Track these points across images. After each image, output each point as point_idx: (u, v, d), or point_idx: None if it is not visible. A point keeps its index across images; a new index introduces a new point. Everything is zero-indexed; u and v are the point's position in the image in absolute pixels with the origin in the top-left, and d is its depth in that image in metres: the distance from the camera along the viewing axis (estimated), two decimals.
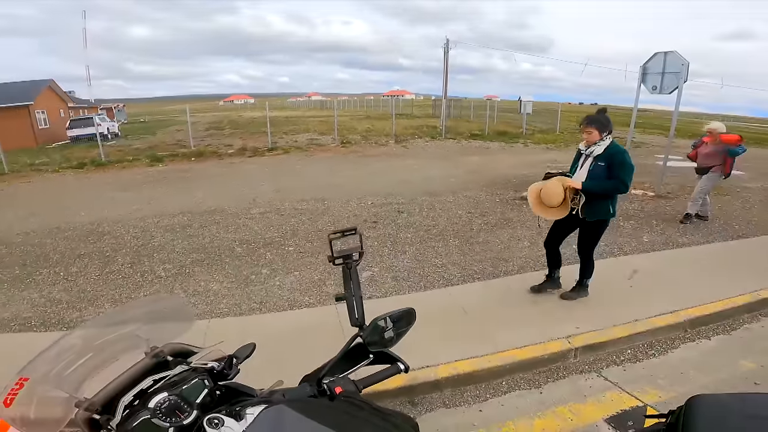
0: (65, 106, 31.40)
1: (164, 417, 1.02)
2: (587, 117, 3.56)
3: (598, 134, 3.46)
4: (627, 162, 3.43)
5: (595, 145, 3.48)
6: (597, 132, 3.46)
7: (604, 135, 3.47)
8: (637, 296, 4.03)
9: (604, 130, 3.47)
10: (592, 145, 3.50)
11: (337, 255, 1.41)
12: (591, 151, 3.51)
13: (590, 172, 3.52)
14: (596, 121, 3.48)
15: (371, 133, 21.41)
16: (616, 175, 3.42)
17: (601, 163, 3.47)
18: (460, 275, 4.63)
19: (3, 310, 4.11)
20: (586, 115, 3.62)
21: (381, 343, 1.28)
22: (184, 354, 1.27)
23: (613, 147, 3.47)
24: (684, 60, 7.68)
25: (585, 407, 2.77)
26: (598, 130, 3.46)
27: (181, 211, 7.44)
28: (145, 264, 5.15)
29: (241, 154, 15.17)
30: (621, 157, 3.42)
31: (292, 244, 5.73)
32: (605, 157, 3.45)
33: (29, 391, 1.02)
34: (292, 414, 0.94)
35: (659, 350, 3.39)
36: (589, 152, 3.52)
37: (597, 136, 3.46)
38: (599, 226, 3.69)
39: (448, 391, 2.93)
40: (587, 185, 3.46)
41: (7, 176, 12.24)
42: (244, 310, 3.99)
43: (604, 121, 3.49)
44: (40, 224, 6.96)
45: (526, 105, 24.68)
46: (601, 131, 3.46)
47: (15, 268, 5.15)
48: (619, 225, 6.37)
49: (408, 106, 50.27)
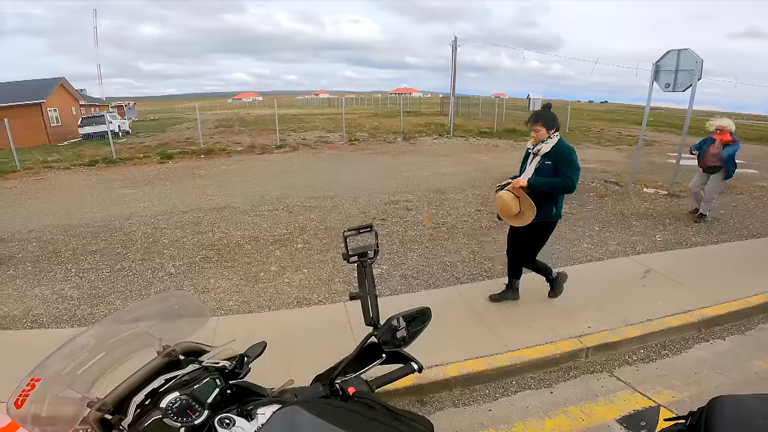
0: (77, 104, 31.74)
1: (175, 417, 1.02)
2: (534, 113, 3.42)
3: (545, 132, 3.32)
4: (574, 161, 3.28)
5: (543, 143, 3.34)
6: (544, 129, 3.32)
7: (551, 132, 3.33)
8: (650, 295, 3.97)
9: (552, 126, 3.33)
10: (540, 143, 3.36)
11: (352, 252, 1.39)
12: (538, 149, 3.36)
13: (537, 171, 3.37)
14: (543, 117, 3.34)
15: (379, 130, 21.37)
16: (563, 172, 3.26)
17: (547, 161, 3.32)
18: (470, 273, 4.61)
19: (15, 307, 4.16)
20: (533, 111, 3.50)
21: (395, 342, 1.26)
22: (196, 353, 1.27)
23: (560, 145, 3.31)
24: (698, 58, 7.57)
25: (596, 407, 2.74)
26: (546, 127, 3.31)
27: (190, 208, 7.48)
28: (155, 260, 5.19)
29: (249, 151, 15.23)
30: (568, 155, 3.28)
31: (301, 241, 5.74)
32: (552, 155, 3.30)
33: (41, 391, 1.02)
34: (305, 415, 0.93)
35: (673, 350, 3.34)
36: (537, 150, 3.38)
37: (545, 133, 3.32)
38: (544, 228, 3.52)
39: (457, 391, 2.91)
40: (533, 182, 3.33)
41: (20, 173, 12.40)
42: (253, 307, 4.00)
43: (551, 117, 3.35)
44: (52, 221, 7.04)
45: (535, 103, 24.49)
46: (548, 128, 3.32)
47: (27, 264, 5.21)
48: (631, 224, 6.29)
49: (415, 104, 50.14)
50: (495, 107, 24.96)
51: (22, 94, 25.50)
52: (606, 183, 8.93)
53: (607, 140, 19.63)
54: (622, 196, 7.93)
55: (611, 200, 7.66)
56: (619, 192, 8.24)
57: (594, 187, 8.51)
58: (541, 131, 3.33)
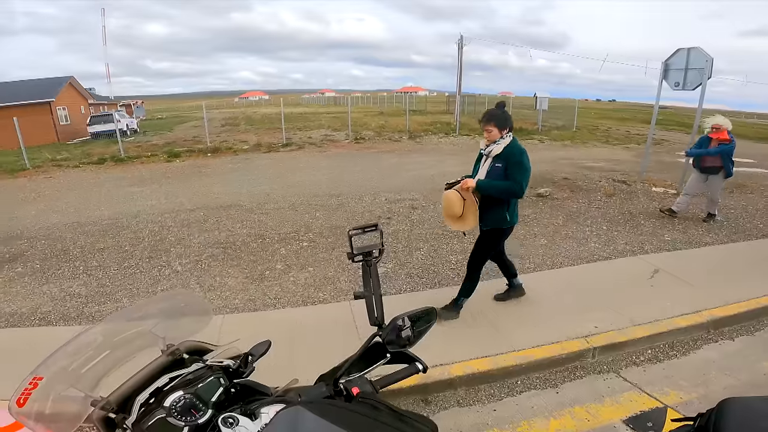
0: (86, 103, 32.04)
1: (179, 416, 1.02)
2: (486, 113, 3.25)
3: (497, 132, 3.15)
4: (524, 163, 3.12)
5: (494, 144, 3.18)
6: (497, 130, 3.15)
7: (503, 133, 3.16)
8: (658, 296, 3.93)
9: (504, 126, 3.16)
10: (491, 144, 3.20)
11: (357, 251, 1.38)
12: (489, 151, 3.20)
13: (488, 174, 3.22)
14: (495, 117, 3.17)
15: (385, 129, 21.36)
16: (512, 176, 3.09)
17: (498, 163, 3.16)
18: None
19: (24, 304, 4.20)
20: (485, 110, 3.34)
21: (399, 342, 1.25)
22: (200, 352, 1.27)
23: (511, 146, 3.15)
24: (708, 56, 7.48)
25: (603, 408, 2.72)
26: (498, 127, 3.15)
27: (197, 206, 7.52)
28: (162, 258, 5.22)
29: (255, 150, 15.29)
30: (518, 158, 3.11)
31: (306, 239, 5.75)
32: (503, 157, 3.14)
33: (43, 389, 1.02)
34: (308, 416, 0.93)
35: (681, 351, 3.30)
36: (488, 152, 3.22)
37: (497, 134, 3.16)
38: (495, 235, 3.37)
39: (462, 390, 2.90)
40: (481, 184, 3.17)
41: (30, 172, 12.54)
42: (258, 305, 4.02)
43: (504, 117, 3.19)
44: (61, 219, 7.11)
45: (541, 101, 24.27)
46: (500, 128, 3.15)
47: (36, 262, 5.27)
48: (639, 223, 6.23)
49: (421, 103, 50.01)
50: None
51: (31, 92, 25.80)
52: (614, 182, 8.86)
53: (616, 139, 19.47)
54: (630, 195, 7.85)
55: (619, 199, 7.60)
56: (628, 191, 8.17)
57: (602, 186, 8.44)
58: (493, 132, 3.17)
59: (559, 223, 6.29)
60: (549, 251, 5.16)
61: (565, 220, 6.40)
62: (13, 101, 24.22)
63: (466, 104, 30.73)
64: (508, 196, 3.20)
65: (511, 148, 3.15)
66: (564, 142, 17.65)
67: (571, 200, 7.50)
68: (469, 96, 35.93)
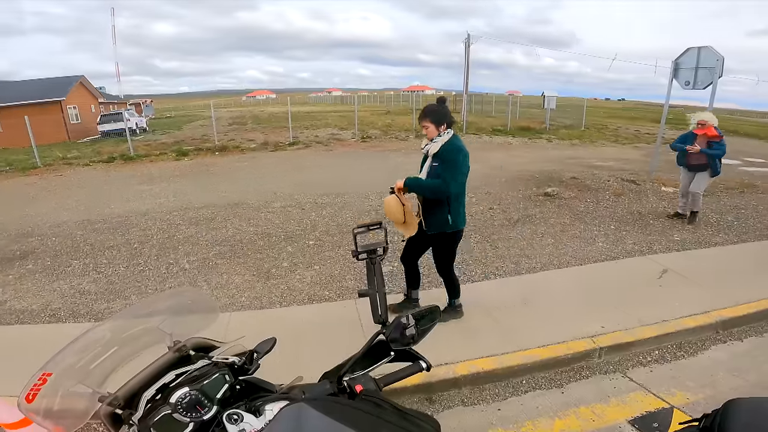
0: (96, 102, 32.37)
1: (185, 412, 1.03)
2: (424, 109, 3.07)
3: (434, 129, 3.00)
4: (458, 162, 2.94)
5: (432, 142, 3.03)
6: (433, 126, 2.99)
7: (441, 129, 3.01)
8: (666, 296, 3.90)
9: (441, 123, 2.99)
10: (430, 142, 3.05)
11: (362, 249, 1.39)
12: (428, 149, 3.06)
13: (428, 174, 3.06)
14: (431, 113, 3.00)
15: (391, 128, 21.33)
16: (442, 174, 2.93)
17: (435, 162, 3.00)
18: (481, 272, 4.58)
19: (34, 301, 4.27)
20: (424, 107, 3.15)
21: (403, 341, 1.26)
22: (206, 348, 1.28)
23: (449, 143, 2.98)
24: (719, 55, 7.40)
25: (608, 408, 2.70)
26: (434, 123, 2.99)
27: (205, 205, 7.58)
28: (170, 256, 5.27)
29: (263, 148, 15.35)
30: (452, 155, 2.94)
31: (313, 237, 5.77)
32: (439, 155, 2.97)
33: (52, 385, 1.04)
34: (312, 412, 0.94)
35: (689, 351, 3.28)
36: (426, 150, 3.07)
37: (434, 131, 3.00)
38: (444, 240, 3.20)
39: (466, 389, 2.90)
40: (408, 182, 3.01)
41: (41, 170, 12.70)
42: (265, 303, 4.04)
43: (442, 113, 3.01)
44: (72, 216, 7.20)
45: (549, 100, 24.09)
46: (437, 125, 2.99)
47: (47, 259, 5.34)
48: (648, 223, 6.18)
49: (428, 101, 49.91)
50: (509, 105, 24.66)
51: (42, 91, 26.12)
52: (623, 181, 8.78)
53: (625, 138, 19.28)
54: (639, 195, 7.78)
55: (628, 199, 7.53)
56: (637, 190, 8.09)
57: (611, 186, 8.38)
58: (429, 128, 3.01)
59: (566, 222, 6.25)
60: (556, 250, 5.13)
61: (572, 220, 6.36)
62: (24, 100, 24.55)
63: (473, 103, 30.61)
64: (434, 196, 3.01)
65: (447, 146, 2.98)
66: (572, 141, 17.52)
67: (578, 199, 7.45)
68: (476, 95, 35.78)
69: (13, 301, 4.27)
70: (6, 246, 5.87)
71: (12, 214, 7.54)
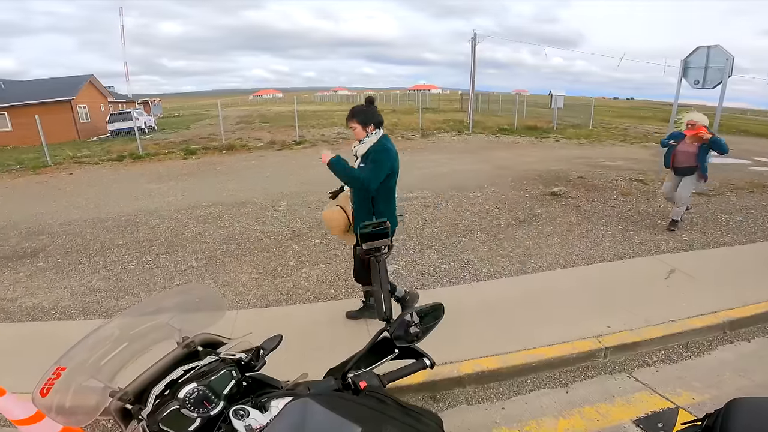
0: (105, 101, 32.68)
1: (192, 407, 1.05)
2: (351, 109, 3.00)
3: (361, 129, 2.94)
4: (380, 160, 2.87)
5: (360, 143, 2.97)
6: (360, 127, 2.94)
7: (368, 130, 2.94)
8: (673, 296, 3.88)
9: (368, 123, 2.93)
10: (358, 143, 2.99)
11: (366, 247, 1.41)
12: (356, 150, 3.00)
13: None
14: (358, 113, 2.94)
15: (397, 127, 21.32)
16: (364, 169, 2.87)
17: (362, 164, 2.94)
18: (487, 271, 4.58)
19: (45, 298, 4.33)
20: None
21: (407, 338, 1.27)
22: (214, 344, 1.31)
23: (377, 144, 2.92)
24: (728, 54, 7.34)
25: (613, 408, 2.70)
26: (361, 124, 2.93)
27: (212, 203, 7.64)
28: (178, 254, 5.32)
29: (269, 147, 15.42)
30: (377, 155, 2.88)
31: (319, 236, 5.80)
32: (367, 156, 2.92)
33: (66, 380, 1.06)
34: (316, 407, 0.96)
35: (695, 352, 3.26)
36: (355, 151, 3.02)
37: (361, 131, 2.95)
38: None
39: (471, 388, 2.91)
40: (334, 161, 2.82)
41: (51, 168, 12.86)
42: (271, 301, 4.08)
43: (368, 113, 2.95)
44: (81, 214, 7.29)
45: (557, 99, 23.92)
46: (364, 125, 2.93)
47: (57, 257, 5.42)
48: (656, 223, 6.14)
49: (434, 101, 49.77)
50: (515, 104, 24.54)
51: (52, 91, 26.42)
52: (631, 181, 8.72)
53: (633, 137, 19.11)
54: (647, 195, 7.73)
55: (635, 198, 7.48)
56: (645, 190, 8.04)
57: (618, 185, 8.32)
58: (357, 129, 2.95)
59: (573, 221, 6.23)
60: (562, 250, 5.11)
61: (579, 219, 6.33)
62: (34, 99, 24.84)
63: (479, 102, 30.50)
64: (349, 183, 2.95)
65: (376, 146, 2.93)
66: (580, 140, 17.40)
67: (585, 199, 7.41)
68: (482, 94, 35.63)
69: (25, 298, 4.34)
70: (17, 244, 5.97)
71: (23, 212, 7.65)
